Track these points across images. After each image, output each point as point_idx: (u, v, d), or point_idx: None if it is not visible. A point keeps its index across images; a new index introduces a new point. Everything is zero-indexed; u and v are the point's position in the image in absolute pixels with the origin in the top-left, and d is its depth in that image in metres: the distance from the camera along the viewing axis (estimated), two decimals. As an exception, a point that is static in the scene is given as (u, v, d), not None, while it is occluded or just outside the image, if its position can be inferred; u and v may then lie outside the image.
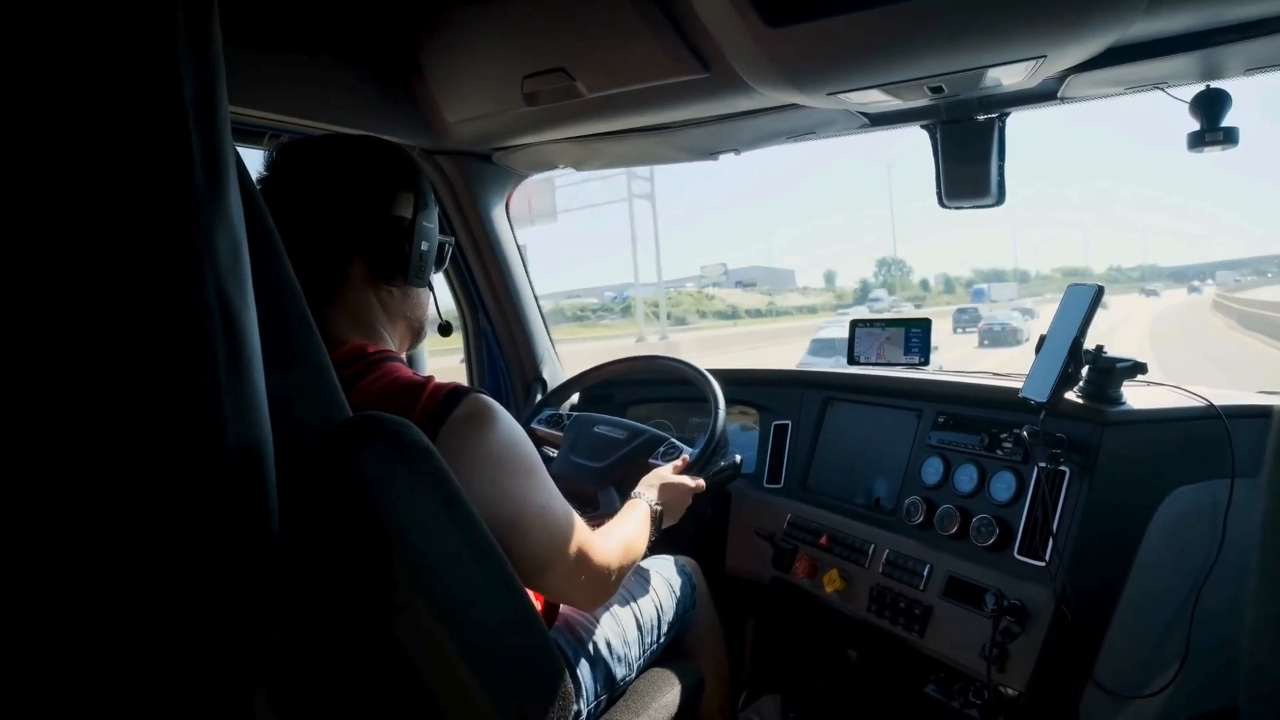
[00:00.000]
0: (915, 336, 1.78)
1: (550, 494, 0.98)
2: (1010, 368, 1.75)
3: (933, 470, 1.46)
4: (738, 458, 1.57)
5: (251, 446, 0.58)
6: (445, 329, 1.25)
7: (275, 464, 0.61)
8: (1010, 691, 1.22)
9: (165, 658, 0.54)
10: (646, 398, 2.11)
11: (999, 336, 23.52)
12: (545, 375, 2.11)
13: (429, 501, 0.70)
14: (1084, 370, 1.25)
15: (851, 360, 1.83)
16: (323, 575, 0.68)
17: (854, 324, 1.87)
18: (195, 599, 0.55)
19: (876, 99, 1.40)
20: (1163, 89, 1.42)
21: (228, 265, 0.56)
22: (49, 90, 0.48)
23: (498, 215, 2.00)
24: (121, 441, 0.51)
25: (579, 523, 1.01)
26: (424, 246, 1.04)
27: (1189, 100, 1.39)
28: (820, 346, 12.55)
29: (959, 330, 29.34)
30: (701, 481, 1.41)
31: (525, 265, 2.08)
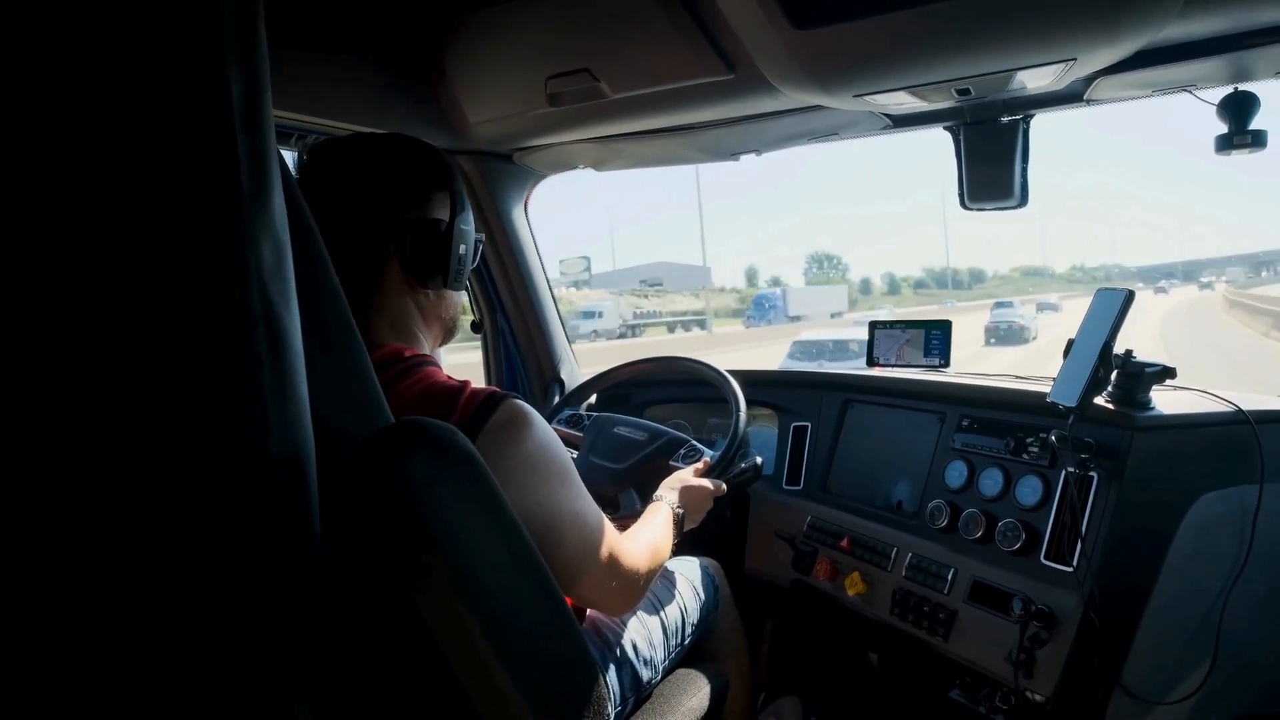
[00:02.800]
0: (935, 338, 1.78)
1: (584, 500, 0.98)
2: (1018, 369, 1.75)
3: (956, 474, 1.46)
4: (759, 460, 1.57)
5: (294, 453, 0.58)
6: (477, 326, 1.24)
7: (317, 470, 0.61)
8: (1037, 697, 1.22)
9: (207, 666, 0.54)
10: (664, 398, 2.11)
11: (1006, 335, 23.43)
12: (563, 376, 2.11)
13: (474, 507, 0.70)
14: (1112, 374, 1.25)
15: (871, 362, 1.83)
16: (365, 581, 0.68)
17: (873, 325, 1.87)
18: (238, 607, 0.55)
19: (902, 101, 1.39)
20: (1190, 91, 1.41)
21: (271, 269, 0.55)
22: (98, 95, 0.48)
23: (517, 216, 2.00)
24: (165, 448, 0.51)
25: (610, 528, 1.01)
26: (462, 249, 1.03)
27: (1216, 103, 1.39)
28: (801, 349, 12.38)
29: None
30: (723, 484, 1.41)
31: (544, 266, 2.08)
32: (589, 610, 1.22)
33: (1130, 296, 1.20)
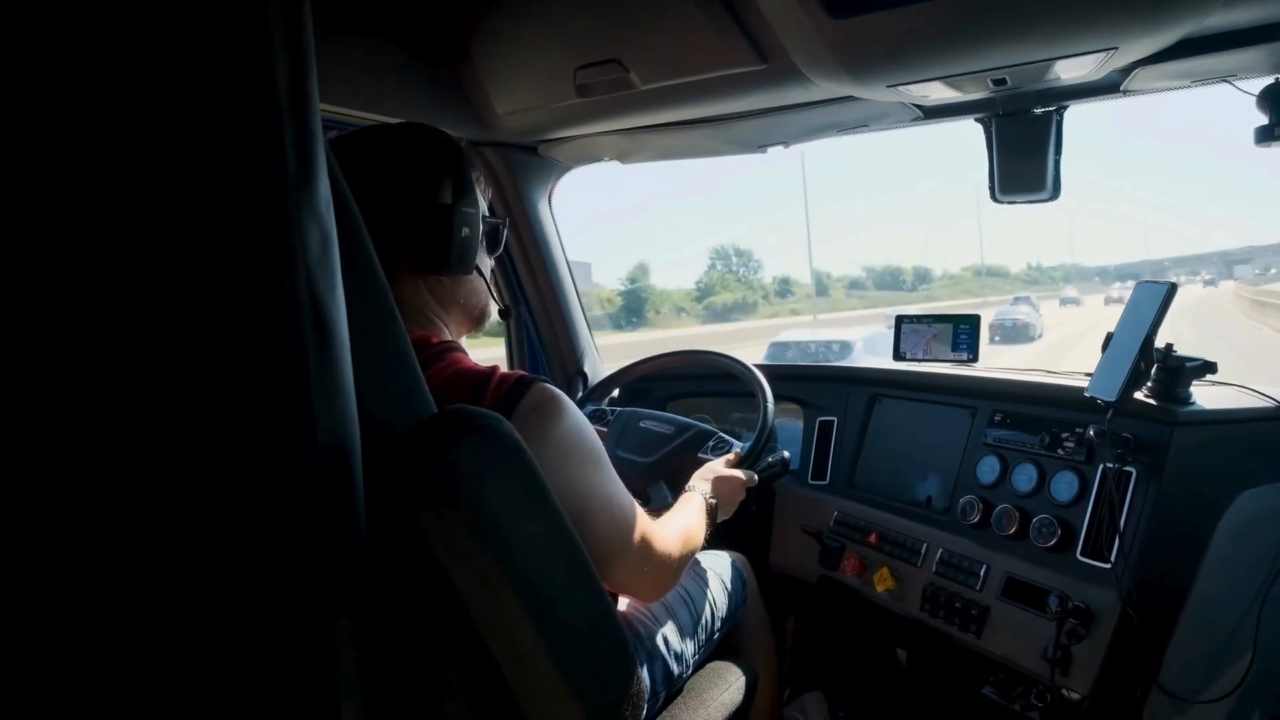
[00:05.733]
0: (964, 333, 1.76)
1: (615, 484, 0.97)
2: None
3: (988, 469, 1.44)
4: (786, 454, 1.56)
5: (340, 441, 0.57)
6: (505, 313, 1.23)
7: (361, 457, 0.60)
8: (1074, 695, 1.20)
9: (255, 655, 0.54)
10: (687, 392, 2.10)
11: (1010, 332, 23.22)
12: (586, 369, 2.10)
13: (521, 496, 0.70)
14: (1152, 369, 1.23)
15: (898, 356, 1.81)
16: (407, 569, 0.67)
17: (899, 319, 1.85)
18: (285, 595, 0.54)
19: (936, 91, 1.38)
20: (1230, 81, 1.39)
21: (317, 257, 0.55)
22: (144, 81, 0.47)
23: (542, 208, 2.00)
24: (213, 436, 0.51)
25: (642, 513, 1.01)
26: (464, 233, 1.02)
27: (1257, 93, 1.36)
28: (779, 350, 12.29)
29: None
30: (754, 475, 1.40)
31: (568, 259, 2.07)
32: (620, 605, 1.22)
33: (1173, 289, 1.19)
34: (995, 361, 1.84)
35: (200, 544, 0.51)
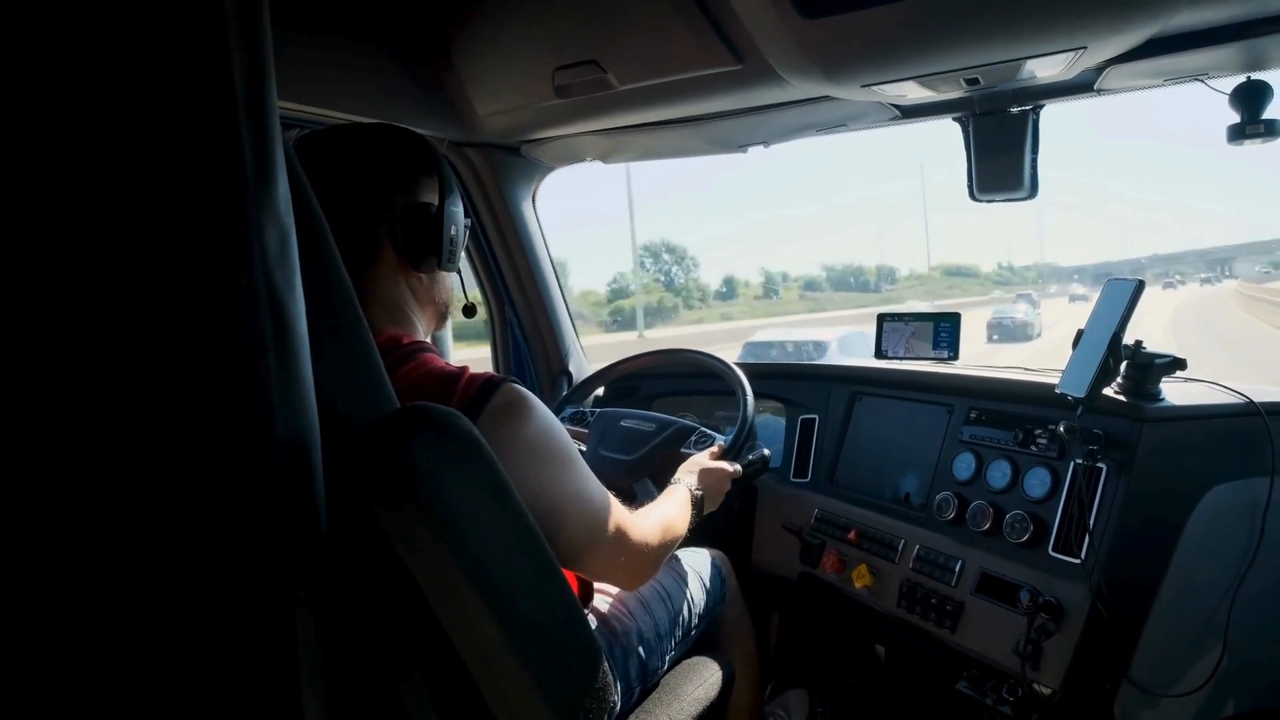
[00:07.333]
0: (944, 331, 1.77)
1: (586, 480, 0.99)
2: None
3: (964, 466, 1.45)
4: (766, 451, 1.57)
5: (299, 437, 0.58)
6: (470, 310, 1.25)
7: (322, 453, 0.61)
8: (1044, 689, 1.21)
9: (215, 646, 0.54)
10: (671, 391, 2.11)
11: (1008, 331, 23.13)
12: (571, 369, 2.11)
13: (479, 492, 0.70)
14: (1121, 365, 1.24)
15: (879, 354, 1.82)
16: (369, 565, 0.68)
17: (881, 318, 1.86)
18: (246, 587, 0.55)
19: (911, 91, 1.39)
20: (1202, 80, 1.40)
21: (276, 255, 0.55)
22: (101, 80, 0.48)
23: (525, 208, 2.01)
24: (170, 432, 0.51)
25: (615, 505, 1.02)
26: (453, 231, 1.05)
27: (1229, 92, 1.37)
28: (753, 349, 12.30)
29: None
30: (739, 467, 1.42)
31: (552, 259, 2.08)
32: (595, 601, 1.23)
33: (1140, 286, 1.20)
34: (991, 362, 1.86)
35: (157, 536, 0.52)
